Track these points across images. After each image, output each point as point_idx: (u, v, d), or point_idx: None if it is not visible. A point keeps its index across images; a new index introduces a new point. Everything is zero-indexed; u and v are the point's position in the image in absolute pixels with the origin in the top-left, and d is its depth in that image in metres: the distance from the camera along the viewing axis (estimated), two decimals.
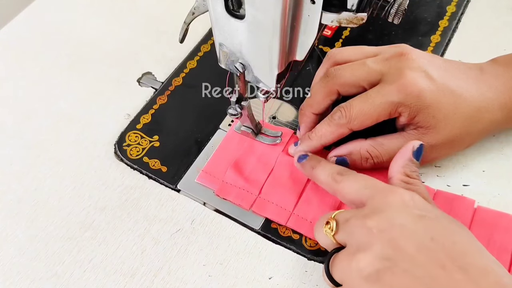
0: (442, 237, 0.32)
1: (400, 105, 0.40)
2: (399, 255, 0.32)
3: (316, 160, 0.42)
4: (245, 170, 0.45)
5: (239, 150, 0.47)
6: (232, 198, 0.44)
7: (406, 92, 0.40)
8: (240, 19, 0.34)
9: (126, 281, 0.40)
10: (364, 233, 0.33)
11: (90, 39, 0.57)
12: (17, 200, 0.45)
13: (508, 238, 0.40)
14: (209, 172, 0.46)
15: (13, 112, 0.51)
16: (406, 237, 0.32)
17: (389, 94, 0.40)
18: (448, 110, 0.40)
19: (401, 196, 0.35)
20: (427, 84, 0.40)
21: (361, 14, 0.32)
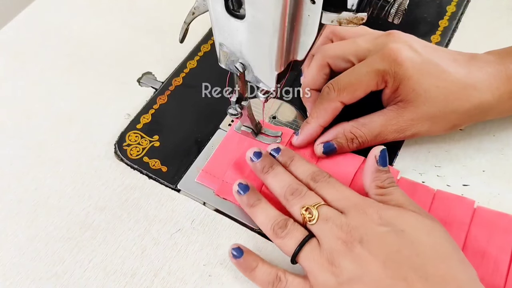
0: (406, 250, 0.34)
1: (385, 73, 0.41)
2: (367, 269, 0.34)
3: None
4: (245, 170, 0.45)
5: (239, 150, 0.47)
6: (232, 198, 0.44)
7: (390, 59, 0.41)
8: (240, 19, 0.34)
9: (126, 281, 0.40)
10: (339, 244, 0.35)
11: (90, 39, 0.57)
12: (17, 200, 0.45)
13: (508, 239, 0.40)
14: (209, 171, 0.46)
15: (13, 112, 0.51)
16: (374, 252, 0.34)
17: (374, 63, 0.42)
18: (430, 83, 0.41)
19: (371, 215, 0.36)
20: (411, 55, 0.41)
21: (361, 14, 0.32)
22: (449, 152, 0.46)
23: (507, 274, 0.39)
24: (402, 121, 0.42)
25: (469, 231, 0.41)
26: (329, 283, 0.35)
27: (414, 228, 0.35)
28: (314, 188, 0.40)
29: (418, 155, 0.46)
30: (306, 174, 0.41)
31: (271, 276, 0.38)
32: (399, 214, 0.36)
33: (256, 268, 0.39)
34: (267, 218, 0.39)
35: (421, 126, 0.42)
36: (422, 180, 0.44)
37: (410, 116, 0.42)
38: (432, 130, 0.43)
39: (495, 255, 0.39)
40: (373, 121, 0.43)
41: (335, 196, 0.38)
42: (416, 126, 0.42)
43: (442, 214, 0.42)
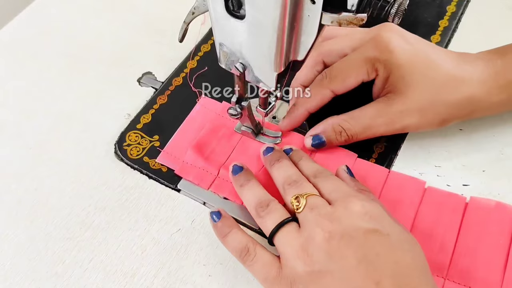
0: (386, 254, 0.33)
1: (376, 60, 0.42)
2: (340, 264, 0.33)
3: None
4: (206, 151, 0.46)
5: (201, 130, 0.47)
6: (192, 178, 0.45)
7: (381, 47, 0.41)
8: (240, 19, 0.34)
9: (126, 281, 0.40)
10: (317, 233, 0.34)
11: (90, 39, 0.57)
12: (17, 200, 0.45)
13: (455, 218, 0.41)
14: (170, 152, 0.47)
15: (13, 112, 0.51)
16: (352, 248, 0.33)
17: (365, 50, 0.42)
18: (419, 74, 0.41)
19: (359, 207, 0.35)
20: (402, 44, 0.41)
21: (361, 15, 0.32)
22: (449, 152, 0.46)
23: (453, 252, 0.39)
24: (391, 113, 0.42)
25: (418, 210, 0.42)
26: (297, 270, 0.34)
27: (399, 236, 0.34)
28: (313, 182, 0.40)
29: (418, 155, 0.46)
30: (311, 170, 0.41)
31: (241, 245, 0.37)
32: (388, 218, 0.35)
33: (229, 233, 0.38)
34: (252, 197, 0.40)
35: (410, 118, 0.42)
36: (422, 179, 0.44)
37: (399, 108, 0.42)
38: (422, 123, 0.43)
39: (442, 234, 0.40)
40: (362, 113, 0.43)
41: (329, 188, 0.38)
42: (405, 118, 0.42)
43: (394, 193, 0.43)
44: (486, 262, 0.38)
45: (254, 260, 0.37)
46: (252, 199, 0.39)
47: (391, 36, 0.42)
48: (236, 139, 0.47)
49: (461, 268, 0.39)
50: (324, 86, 0.43)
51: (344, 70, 0.43)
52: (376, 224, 0.34)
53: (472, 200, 0.42)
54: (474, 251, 0.39)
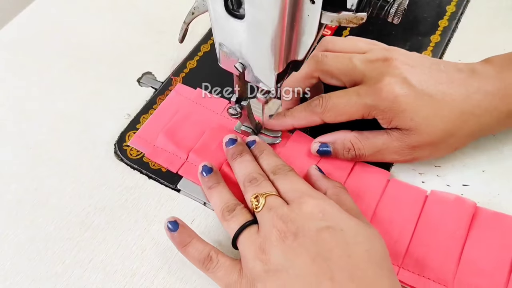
0: (339, 249, 0.34)
1: (374, 108, 0.41)
2: (295, 262, 0.34)
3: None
4: (177, 136, 0.47)
5: (174, 116, 0.48)
6: (161, 161, 0.46)
7: (381, 96, 0.41)
8: (240, 19, 0.34)
9: (126, 281, 0.40)
10: (273, 233, 0.36)
11: (90, 39, 0.57)
12: (17, 200, 0.45)
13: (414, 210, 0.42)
14: (142, 136, 0.48)
15: (13, 112, 0.51)
16: (305, 246, 0.34)
17: (365, 96, 0.42)
18: (428, 114, 0.40)
19: (312, 207, 0.36)
20: (404, 90, 0.41)
21: (360, 14, 0.32)
22: None
23: (409, 242, 0.40)
24: (404, 145, 0.42)
25: (380, 200, 0.42)
26: (256, 270, 0.35)
27: (353, 230, 0.35)
28: (272, 179, 0.40)
29: None
30: (270, 166, 0.42)
31: (203, 255, 0.38)
32: (342, 214, 0.36)
33: (189, 244, 0.39)
34: (220, 200, 0.41)
35: (422, 151, 0.42)
36: (422, 180, 0.44)
37: (412, 143, 0.42)
38: (433, 154, 0.43)
39: (401, 224, 0.41)
40: (377, 138, 0.43)
41: (286, 188, 0.39)
42: (418, 151, 0.42)
43: (358, 184, 0.43)
44: (442, 253, 0.39)
45: (217, 267, 0.38)
46: (219, 202, 0.41)
47: (392, 83, 0.41)
48: (207, 125, 0.48)
49: (416, 258, 0.40)
50: (317, 114, 0.44)
51: (340, 107, 0.42)
52: (329, 221, 0.35)
53: (432, 193, 0.43)
54: (431, 242, 0.40)
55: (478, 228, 0.41)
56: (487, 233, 0.40)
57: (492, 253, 0.39)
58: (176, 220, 0.40)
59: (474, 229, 0.41)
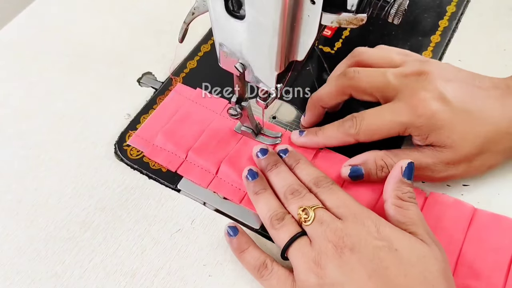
0: (395, 268, 0.34)
1: (410, 125, 0.41)
2: (351, 277, 0.34)
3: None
4: (177, 135, 0.47)
5: (174, 115, 0.49)
6: (160, 161, 0.46)
7: (417, 113, 0.40)
8: (240, 20, 0.34)
9: (126, 281, 0.40)
10: (329, 248, 0.35)
11: (90, 39, 0.57)
12: (17, 200, 0.45)
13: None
14: (142, 136, 0.48)
15: (13, 112, 0.51)
16: (362, 262, 0.34)
17: (400, 114, 0.41)
18: (464, 130, 0.40)
19: (368, 227, 0.36)
20: (441, 107, 0.40)
21: (360, 15, 0.32)
22: None
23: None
24: (437, 162, 0.41)
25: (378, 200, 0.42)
26: (310, 283, 0.35)
27: (408, 250, 0.35)
28: (316, 192, 0.40)
29: None
30: (310, 178, 0.41)
31: (259, 261, 0.38)
32: (396, 233, 0.36)
33: (246, 250, 0.39)
34: (267, 207, 0.40)
35: (456, 169, 0.41)
36: (421, 180, 0.44)
37: (446, 159, 0.41)
38: (467, 172, 0.42)
39: None
40: (408, 154, 0.42)
41: (335, 203, 0.38)
42: (451, 168, 0.41)
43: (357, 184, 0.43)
44: None
45: (271, 275, 0.38)
46: (267, 209, 0.40)
47: (428, 99, 0.40)
48: (206, 125, 0.48)
49: None
50: (351, 136, 0.43)
51: (374, 128, 0.41)
52: (384, 239, 0.35)
53: (431, 195, 0.43)
54: None
55: (475, 230, 0.41)
56: (484, 235, 0.40)
57: (489, 256, 0.39)
58: (236, 226, 0.41)
59: (472, 232, 0.41)
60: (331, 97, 0.45)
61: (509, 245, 0.40)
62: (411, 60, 0.43)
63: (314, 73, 0.53)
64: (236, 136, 0.47)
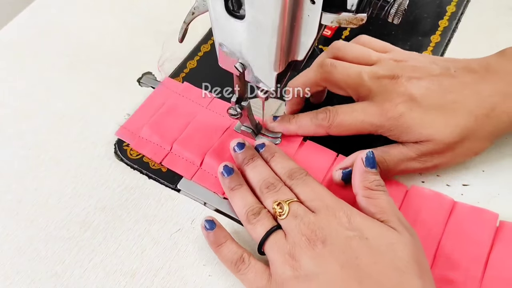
0: (366, 257, 0.35)
1: (380, 127, 0.42)
2: (325, 268, 0.35)
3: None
4: (162, 127, 0.48)
5: (160, 108, 0.49)
6: (146, 152, 0.47)
7: (387, 116, 0.41)
8: (240, 19, 0.34)
9: (126, 281, 0.40)
10: (303, 241, 0.36)
11: (90, 39, 0.57)
12: (17, 200, 0.45)
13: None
14: (128, 128, 0.48)
15: (13, 112, 0.51)
16: (334, 254, 0.35)
17: (372, 115, 0.42)
18: (438, 124, 0.41)
19: (339, 218, 0.37)
20: (409, 108, 0.41)
21: (360, 15, 0.32)
22: None
23: None
24: (421, 154, 0.42)
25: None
26: (286, 275, 0.36)
27: (378, 238, 0.35)
28: (290, 185, 0.40)
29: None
30: (284, 170, 0.42)
31: (236, 256, 0.39)
32: (366, 222, 0.36)
33: (223, 244, 0.40)
34: (243, 203, 0.41)
35: (442, 158, 0.42)
36: (421, 180, 0.44)
37: (428, 150, 0.41)
38: (454, 160, 0.43)
39: None
40: (396, 149, 0.42)
41: (308, 196, 0.39)
42: (436, 158, 0.42)
43: None
44: None
45: (248, 269, 0.38)
46: (243, 205, 0.41)
47: (398, 103, 0.41)
48: (193, 117, 0.48)
49: None
50: (322, 128, 0.44)
51: (346, 124, 0.43)
52: (355, 230, 0.36)
53: (412, 188, 0.43)
54: None
55: (455, 222, 0.41)
56: (464, 227, 0.41)
57: (468, 248, 0.40)
58: (213, 220, 0.41)
59: (451, 224, 0.41)
60: (305, 85, 0.46)
61: (488, 238, 0.40)
62: (386, 59, 0.44)
63: None
64: (221, 128, 0.48)
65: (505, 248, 0.40)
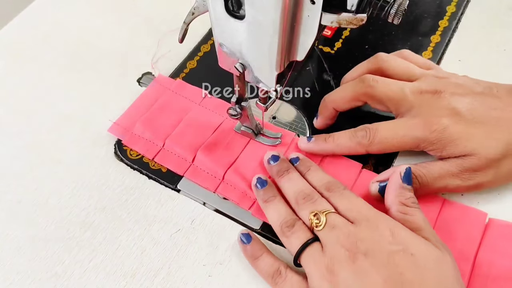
0: (410, 273, 0.33)
1: (423, 141, 0.41)
2: (365, 282, 0.34)
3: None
4: (155, 123, 0.48)
5: (153, 105, 0.49)
6: (138, 149, 0.47)
7: (431, 129, 0.41)
8: (240, 20, 0.34)
9: (126, 281, 0.40)
10: (342, 253, 0.35)
11: (90, 39, 0.57)
12: (17, 200, 0.45)
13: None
14: (121, 124, 0.49)
15: (13, 112, 0.51)
16: (376, 267, 0.34)
17: (414, 129, 0.41)
18: (482, 138, 0.40)
19: (382, 229, 0.36)
20: (454, 121, 0.40)
21: (360, 15, 0.32)
22: None
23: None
24: (463, 170, 0.41)
25: None
26: None
27: (423, 255, 0.34)
28: (328, 197, 0.39)
29: (418, 155, 0.46)
30: (322, 183, 0.40)
31: (273, 268, 0.38)
32: (412, 237, 0.35)
33: (260, 257, 0.39)
34: (277, 215, 0.40)
35: (484, 175, 0.41)
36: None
37: (471, 166, 0.40)
38: (496, 179, 0.41)
39: None
40: (436, 165, 0.41)
41: (347, 207, 0.38)
42: (478, 175, 0.41)
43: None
44: None
45: (285, 281, 0.37)
46: (278, 217, 0.40)
47: (441, 116, 0.41)
48: (185, 113, 0.49)
49: None
50: (362, 146, 0.43)
51: (387, 140, 0.42)
52: (400, 244, 0.35)
53: None
54: None
55: (444, 221, 0.41)
56: (453, 226, 0.41)
57: (457, 245, 0.40)
58: (249, 233, 0.41)
59: (440, 222, 0.41)
60: (345, 102, 0.45)
61: (477, 236, 0.40)
62: (429, 76, 0.44)
63: (314, 73, 0.53)
64: (213, 125, 0.48)
65: (492, 245, 0.40)
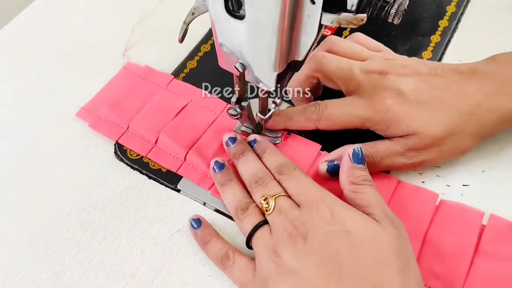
0: (346, 252, 0.35)
1: (368, 120, 0.42)
2: (305, 264, 0.35)
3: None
4: (121, 107, 0.49)
5: (122, 90, 0.50)
6: (103, 132, 0.48)
7: (375, 109, 0.42)
8: (240, 20, 0.34)
9: (126, 281, 0.40)
10: (285, 237, 0.36)
11: (90, 39, 0.57)
12: (17, 200, 0.45)
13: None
14: (88, 109, 0.49)
15: (13, 112, 0.51)
16: (314, 250, 0.35)
17: (360, 108, 0.42)
18: (424, 118, 0.41)
19: (322, 212, 0.37)
20: (397, 102, 0.41)
21: (360, 15, 0.32)
22: None
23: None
24: (408, 149, 0.42)
25: None
26: (269, 271, 0.36)
27: (360, 232, 0.35)
28: (279, 179, 0.41)
29: None
30: (274, 165, 0.42)
31: (221, 253, 0.40)
32: (351, 215, 0.36)
33: (209, 242, 0.41)
34: (233, 198, 0.41)
35: (428, 153, 0.42)
36: (422, 180, 0.44)
37: (415, 146, 0.42)
38: (440, 157, 0.43)
39: None
40: (380, 144, 0.43)
41: (295, 190, 0.39)
42: (423, 153, 0.42)
43: None
44: None
45: (234, 265, 0.39)
46: (233, 200, 0.41)
47: (386, 97, 0.42)
48: (151, 97, 0.50)
49: None
50: (311, 121, 0.44)
51: (335, 118, 0.43)
52: (337, 223, 0.36)
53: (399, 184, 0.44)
54: None
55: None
56: (450, 224, 0.41)
57: (454, 243, 0.40)
58: (199, 218, 0.42)
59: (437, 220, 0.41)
60: (300, 80, 0.46)
61: (474, 234, 0.40)
62: (377, 57, 0.45)
63: None
64: (178, 107, 0.49)
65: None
